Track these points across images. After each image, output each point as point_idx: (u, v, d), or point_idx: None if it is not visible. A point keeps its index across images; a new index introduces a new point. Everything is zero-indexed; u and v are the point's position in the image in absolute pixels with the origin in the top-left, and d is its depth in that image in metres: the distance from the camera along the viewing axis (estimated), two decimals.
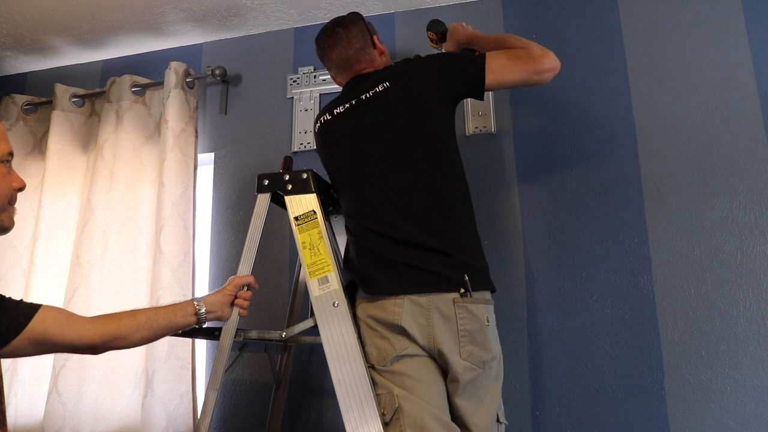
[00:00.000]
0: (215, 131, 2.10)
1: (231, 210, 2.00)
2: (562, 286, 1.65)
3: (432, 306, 1.18)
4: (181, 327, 1.28)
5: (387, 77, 1.38)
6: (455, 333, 1.18)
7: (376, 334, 1.23)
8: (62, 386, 1.78)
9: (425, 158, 1.30)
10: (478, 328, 1.20)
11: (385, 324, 1.21)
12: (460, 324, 1.18)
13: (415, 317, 1.18)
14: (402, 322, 1.18)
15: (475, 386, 1.19)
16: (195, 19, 2.05)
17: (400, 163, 1.30)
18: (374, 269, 1.26)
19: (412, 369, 1.19)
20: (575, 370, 1.59)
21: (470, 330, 1.18)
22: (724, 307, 1.53)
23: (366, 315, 1.25)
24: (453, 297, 1.19)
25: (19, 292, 1.97)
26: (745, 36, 1.67)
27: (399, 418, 1.15)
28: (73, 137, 2.11)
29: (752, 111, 1.62)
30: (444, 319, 1.18)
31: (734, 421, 1.47)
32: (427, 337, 1.18)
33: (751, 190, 1.57)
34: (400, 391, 1.17)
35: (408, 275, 1.21)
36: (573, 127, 1.74)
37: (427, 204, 1.26)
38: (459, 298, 1.19)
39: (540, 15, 1.86)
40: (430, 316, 1.18)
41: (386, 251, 1.24)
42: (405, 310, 1.19)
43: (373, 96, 1.37)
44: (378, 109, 1.36)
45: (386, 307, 1.21)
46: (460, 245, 1.24)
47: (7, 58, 2.30)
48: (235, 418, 1.83)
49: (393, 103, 1.34)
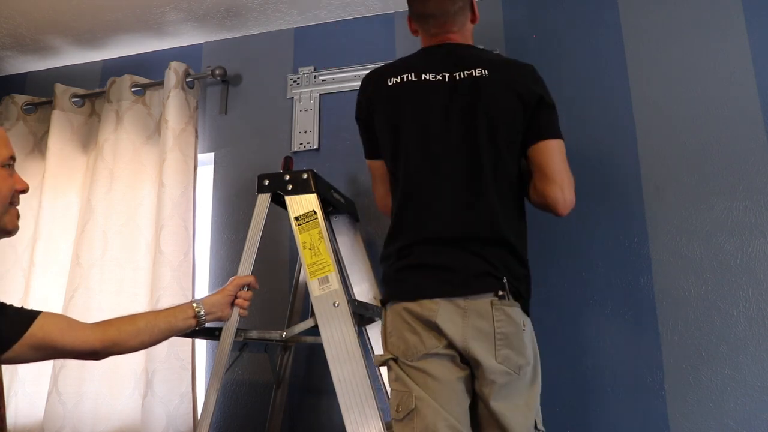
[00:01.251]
0: (215, 131, 2.10)
1: (231, 210, 2.00)
2: (562, 286, 1.65)
3: (470, 307, 1.15)
4: (182, 330, 1.28)
5: (486, 63, 1.29)
6: (491, 335, 1.15)
7: (407, 327, 1.17)
8: (62, 386, 1.78)
9: (501, 161, 1.25)
10: (515, 331, 1.17)
11: (419, 319, 1.16)
12: (497, 326, 1.15)
13: (452, 315, 1.15)
14: (437, 319, 1.14)
15: (510, 390, 1.16)
16: (195, 19, 2.05)
17: (476, 160, 1.24)
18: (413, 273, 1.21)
19: (437, 369, 1.14)
20: (575, 370, 1.59)
21: (507, 333, 1.15)
22: (724, 307, 1.53)
23: (402, 307, 1.19)
24: (491, 299, 1.16)
25: (19, 292, 1.97)
26: (745, 36, 1.67)
27: (413, 419, 1.11)
28: (73, 137, 2.11)
29: (752, 111, 1.62)
30: (481, 319, 1.15)
31: (734, 421, 1.47)
32: (462, 337, 1.14)
33: (751, 190, 1.57)
34: (419, 393, 1.12)
35: (449, 279, 1.18)
36: (573, 126, 1.74)
37: (490, 210, 1.22)
38: (497, 300, 1.16)
39: (540, 15, 1.86)
40: (467, 316, 1.15)
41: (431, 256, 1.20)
42: (442, 308, 1.15)
43: (468, 78, 1.27)
44: (467, 95, 1.27)
45: (423, 304, 1.16)
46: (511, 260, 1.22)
47: (7, 58, 2.30)
48: (235, 418, 1.83)
49: (486, 94, 1.26)
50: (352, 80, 1.96)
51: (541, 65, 1.79)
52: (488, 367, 1.13)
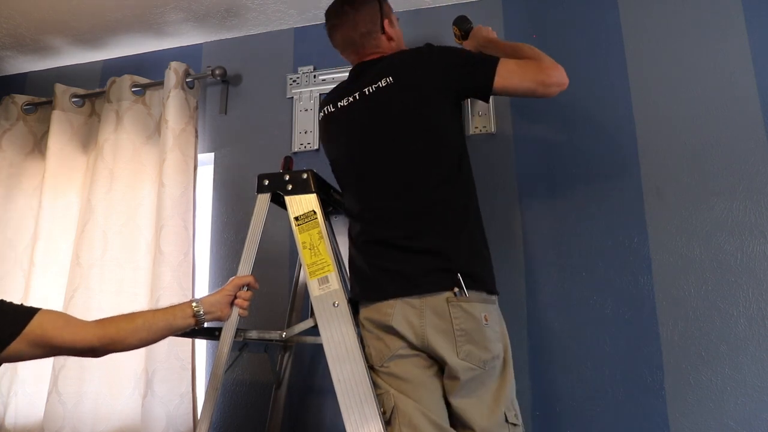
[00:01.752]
0: (215, 131, 2.10)
1: (231, 210, 2.00)
2: (562, 286, 1.65)
3: (425, 306, 1.18)
4: (180, 329, 1.28)
5: (392, 70, 1.33)
6: (451, 332, 1.17)
7: (372, 335, 1.25)
8: (62, 386, 1.78)
9: (426, 155, 1.28)
10: (476, 327, 1.18)
11: (379, 325, 1.23)
12: (455, 323, 1.17)
13: (407, 317, 1.19)
14: (392, 323, 1.19)
15: (475, 385, 1.18)
16: (195, 19, 2.05)
17: (398, 162, 1.29)
18: (369, 276, 1.28)
19: (404, 370, 1.20)
20: (575, 370, 1.59)
21: (467, 329, 1.17)
22: (724, 307, 1.53)
23: (364, 317, 1.28)
24: (447, 296, 1.18)
25: (19, 292, 1.97)
26: (745, 36, 1.67)
27: (396, 416, 1.16)
28: (73, 137, 2.11)
29: (752, 111, 1.62)
30: (438, 317, 1.17)
31: (734, 421, 1.47)
32: (420, 336, 1.18)
33: (751, 190, 1.57)
34: (395, 391, 1.19)
35: (400, 280, 1.22)
36: (573, 126, 1.74)
37: (423, 204, 1.25)
38: (453, 297, 1.17)
39: (540, 15, 1.86)
40: (423, 316, 1.18)
41: (380, 258, 1.26)
42: (397, 311, 1.19)
43: (376, 92, 1.33)
44: (378, 106, 1.33)
45: (380, 309, 1.22)
46: (456, 246, 1.23)
47: (7, 58, 2.30)
48: (235, 418, 1.82)
49: (394, 99, 1.31)
50: None
51: None
52: (451, 362, 1.16)
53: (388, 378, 1.21)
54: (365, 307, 1.28)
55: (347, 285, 1.65)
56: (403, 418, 1.15)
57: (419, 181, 1.27)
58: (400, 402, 1.17)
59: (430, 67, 1.31)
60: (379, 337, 1.23)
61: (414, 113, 1.30)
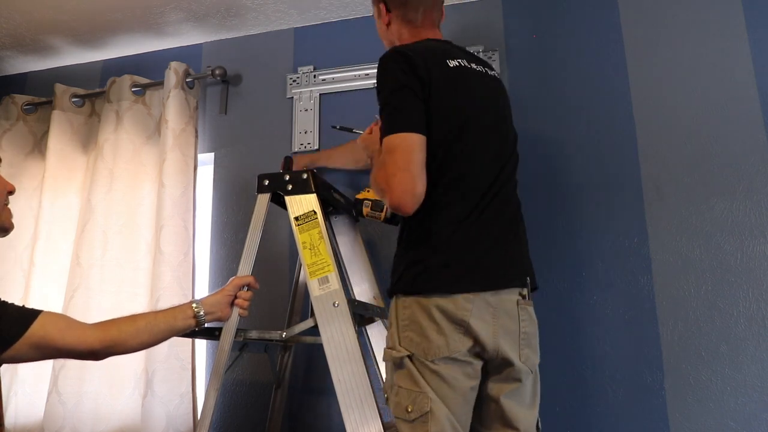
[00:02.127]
0: (215, 131, 2.10)
1: (231, 210, 2.00)
2: (562, 286, 1.65)
3: (499, 305, 1.14)
4: (181, 330, 1.28)
5: (490, 66, 1.36)
6: (517, 335, 1.16)
7: (434, 326, 1.11)
8: (62, 386, 1.78)
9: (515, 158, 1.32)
10: (534, 332, 1.20)
11: (450, 318, 1.11)
12: (522, 326, 1.17)
13: (484, 314, 1.12)
14: (471, 319, 1.10)
15: (532, 390, 1.19)
16: (195, 19, 2.05)
17: (509, 151, 1.30)
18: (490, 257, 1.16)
19: (455, 375, 1.10)
20: (575, 370, 1.59)
21: (529, 333, 1.18)
22: (724, 307, 1.53)
23: (433, 304, 1.12)
24: (516, 299, 1.17)
25: (19, 292, 1.97)
26: (745, 36, 1.67)
27: (426, 422, 1.07)
28: (73, 137, 2.11)
29: (752, 111, 1.62)
30: (509, 318, 1.15)
31: (734, 421, 1.47)
32: (493, 337, 1.12)
33: (751, 190, 1.57)
34: (435, 396, 1.08)
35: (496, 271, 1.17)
36: (573, 126, 1.74)
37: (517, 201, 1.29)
38: (522, 300, 1.17)
39: (540, 15, 1.86)
40: (497, 315, 1.14)
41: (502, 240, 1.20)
42: (475, 306, 1.11)
43: (497, 78, 1.35)
44: (502, 93, 1.34)
45: (457, 302, 1.11)
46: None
47: (7, 58, 2.30)
48: (235, 418, 1.83)
49: (504, 93, 1.36)
50: (352, 80, 1.96)
51: (541, 65, 1.81)
52: (515, 364, 1.14)
53: (431, 376, 1.10)
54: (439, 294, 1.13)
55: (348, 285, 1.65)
56: (436, 426, 1.07)
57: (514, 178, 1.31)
58: (437, 408, 1.08)
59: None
60: (442, 332, 1.11)
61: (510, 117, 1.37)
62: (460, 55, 1.28)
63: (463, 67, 1.24)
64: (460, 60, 1.25)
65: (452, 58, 1.24)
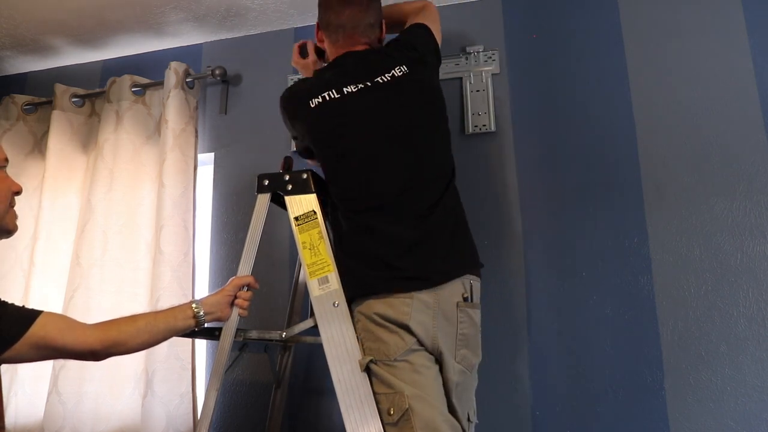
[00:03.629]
0: (215, 131, 2.10)
1: (231, 210, 2.00)
2: (562, 286, 1.65)
3: (438, 307, 1.17)
4: (181, 330, 1.28)
5: (402, 60, 1.34)
6: (454, 336, 1.19)
7: (383, 329, 1.17)
8: (62, 386, 1.78)
9: (440, 151, 1.32)
10: (474, 333, 1.23)
11: (393, 322, 1.17)
12: (460, 328, 1.19)
13: (422, 317, 1.16)
14: (410, 322, 1.15)
15: (463, 388, 1.22)
16: (195, 19, 2.05)
17: (415, 155, 1.28)
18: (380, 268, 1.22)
19: (422, 361, 1.16)
20: (575, 370, 1.59)
21: (467, 334, 1.21)
22: (724, 307, 1.53)
23: (372, 311, 1.20)
24: (456, 300, 1.19)
25: (19, 292, 1.97)
26: (745, 36, 1.67)
27: (409, 419, 1.10)
28: (73, 137, 2.11)
29: (752, 111, 1.62)
30: (446, 321, 1.18)
31: (734, 421, 1.47)
32: (432, 338, 1.17)
33: (751, 190, 1.57)
34: (411, 391, 1.12)
35: (413, 274, 1.19)
36: (573, 126, 1.74)
37: (435, 199, 1.26)
38: (462, 302, 1.19)
39: (540, 15, 1.85)
40: (436, 317, 1.17)
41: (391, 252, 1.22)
42: (414, 309, 1.16)
43: (392, 80, 1.32)
44: (397, 95, 1.32)
45: (395, 305, 1.17)
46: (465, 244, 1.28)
47: (7, 58, 2.30)
48: (235, 418, 1.83)
49: (413, 89, 1.33)
50: None
51: (541, 65, 1.81)
52: (448, 365, 1.18)
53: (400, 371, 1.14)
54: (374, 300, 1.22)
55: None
56: (420, 421, 1.09)
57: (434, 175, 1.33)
58: (416, 404, 1.11)
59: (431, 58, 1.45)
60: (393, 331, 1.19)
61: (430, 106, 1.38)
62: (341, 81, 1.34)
63: (328, 101, 1.32)
64: (328, 93, 1.32)
65: (316, 96, 1.33)
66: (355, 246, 1.26)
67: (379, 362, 1.17)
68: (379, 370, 1.17)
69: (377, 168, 1.27)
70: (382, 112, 1.31)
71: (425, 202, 1.25)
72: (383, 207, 1.25)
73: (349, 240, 1.28)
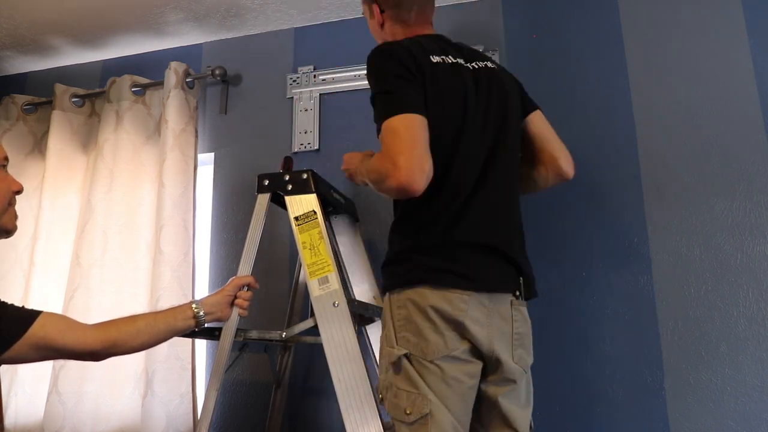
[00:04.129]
0: (215, 131, 2.10)
1: (231, 210, 2.00)
2: (562, 287, 1.65)
3: (494, 306, 1.13)
4: (181, 330, 1.28)
5: (485, 57, 1.32)
6: (510, 335, 1.15)
7: (431, 326, 1.09)
8: (62, 386, 1.78)
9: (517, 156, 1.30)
10: (527, 331, 1.20)
11: (445, 318, 1.09)
12: (515, 327, 1.16)
13: (477, 314, 1.11)
14: (465, 319, 1.09)
15: (526, 390, 1.19)
16: (195, 19, 2.05)
17: (511, 151, 1.26)
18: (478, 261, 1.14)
19: (454, 374, 1.09)
20: (575, 370, 1.59)
21: (522, 333, 1.18)
22: (724, 307, 1.53)
23: (427, 304, 1.10)
24: (510, 298, 1.17)
25: (19, 292, 1.97)
26: (745, 36, 1.66)
27: (426, 424, 1.06)
28: (73, 137, 2.11)
29: (752, 111, 1.62)
30: (502, 319, 1.15)
31: (734, 421, 1.47)
32: (488, 338, 1.11)
33: (751, 190, 1.57)
34: (434, 398, 1.07)
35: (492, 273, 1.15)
36: (573, 126, 1.74)
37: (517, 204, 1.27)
38: (515, 300, 1.17)
39: (540, 15, 1.86)
40: (491, 315, 1.13)
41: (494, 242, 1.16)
42: (471, 307, 1.10)
43: (491, 70, 1.28)
44: (498, 86, 1.26)
45: (452, 301, 1.10)
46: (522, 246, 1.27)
47: (7, 58, 2.30)
48: (235, 418, 1.83)
49: (506, 86, 1.29)
50: (352, 80, 1.96)
51: (541, 65, 1.81)
52: (506, 365, 1.13)
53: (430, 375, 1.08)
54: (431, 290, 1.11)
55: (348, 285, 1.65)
56: (437, 428, 1.06)
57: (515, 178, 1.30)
58: (437, 411, 1.06)
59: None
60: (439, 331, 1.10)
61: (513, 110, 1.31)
62: (447, 50, 1.24)
63: (447, 63, 1.21)
64: (444, 56, 1.21)
65: (436, 54, 1.20)
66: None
67: (413, 358, 1.09)
68: (410, 367, 1.09)
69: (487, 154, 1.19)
70: (485, 94, 1.23)
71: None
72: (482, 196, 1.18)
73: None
